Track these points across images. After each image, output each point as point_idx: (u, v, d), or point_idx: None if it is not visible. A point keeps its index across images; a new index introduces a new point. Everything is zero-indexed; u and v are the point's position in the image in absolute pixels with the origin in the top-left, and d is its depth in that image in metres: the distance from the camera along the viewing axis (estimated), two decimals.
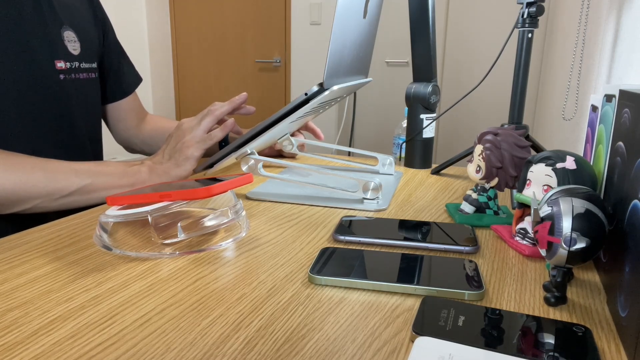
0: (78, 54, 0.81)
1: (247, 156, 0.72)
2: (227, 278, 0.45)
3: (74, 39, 0.80)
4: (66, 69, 0.78)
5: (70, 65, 0.79)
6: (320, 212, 0.66)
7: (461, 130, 2.78)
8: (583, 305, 0.42)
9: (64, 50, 0.78)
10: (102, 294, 0.42)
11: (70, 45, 0.79)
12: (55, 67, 0.76)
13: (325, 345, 0.35)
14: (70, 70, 0.79)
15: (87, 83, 0.83)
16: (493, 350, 0.33)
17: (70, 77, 0.79)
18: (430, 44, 0.89)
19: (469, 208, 0.63)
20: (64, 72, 0.77)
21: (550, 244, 0.40)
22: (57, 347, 0.34)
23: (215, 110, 0.76)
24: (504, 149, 0.58)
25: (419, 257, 0.49)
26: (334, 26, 0.63)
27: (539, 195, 0.50)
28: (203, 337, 0.36)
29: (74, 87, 0.80)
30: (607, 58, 1.15)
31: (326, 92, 0.66)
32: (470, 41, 2.66)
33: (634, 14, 0.97)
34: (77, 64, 0.80)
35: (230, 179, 0.55)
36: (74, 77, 0.80)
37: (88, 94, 0.84)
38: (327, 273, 0.45)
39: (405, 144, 0.94)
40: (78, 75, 0.81)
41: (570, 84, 1.49)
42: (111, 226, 0.58)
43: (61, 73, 0.77)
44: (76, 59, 0.80)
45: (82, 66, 0.82)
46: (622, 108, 0.43)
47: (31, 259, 0.49)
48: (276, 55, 3.19)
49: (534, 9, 0.76)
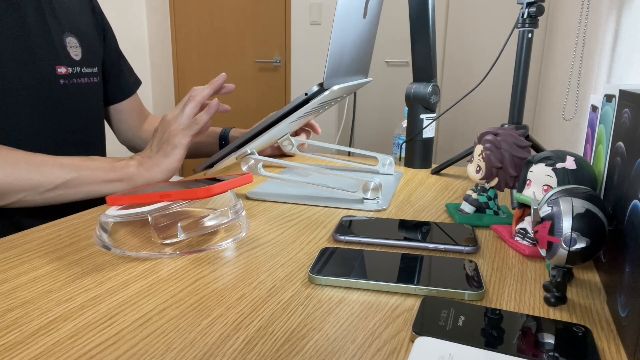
0: (80, 59, 0.81)
1: (247, 156, 0.72)
2: (227, 278, 0.45)
3: (76, 45, 0.80)
4: (67, 74, 0.78)
5: (71, 70, 0.79)
6: (320, 212, 0.66)
7: (461, 130, 2.78)
8: (583, 305, 0.42)
9: (66, 56, 0.78)
10: (102, 294, 0.42)
11: (72, 51, 0.79)
12: (56, 72, 0.76)
13: (325, 345, 0.35)
14: (71, 76, 0.79)
15: (88, 88, 0.84)
16: (493, 350, 0.33)
17: (72, 82, 0.79)
18: (430, 44, 0.89)
19: (469, 208, 0.63)
20: (65, 78, 0.78)
21: (550, 244, 0.40)
22: (57, 347, 0.34)
23: (196, 95, 0.74)
24: (504, 149, 0.58)
25: (419, 257, 0.49)
26: (334, 26, 0.63)
27: (539, 195, 0.50)
28: (203, 337, 0.36)
29: (74, 92, 0.80)
30: (607, 58, 1.15)
31: (326, 92, 0.66)
32: (470, 41, 2.67)
33: (634, 14, 0.97)
34: (78, 69, 0.80)
35: (230, 179, 0.55)
36: (75, 82, 0.80)
37: (89, 99, 0.84)
38: (327, 273, 0.45)
39: (405, 144, 0.94)
40: (80, 80, 0.81)
41: (570, 84, 1.49)
42: (111, 226, 0.58)
43: (61, 78, 0.77)
44: (78, 64, 0.80)
45: (84, 71, 0.82)
46: (622, 108, 0.43)
47: (31, 259, 0.49)
48: (276, 55, 3.19)
49: (534, 9, 0.76)
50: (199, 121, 0.73)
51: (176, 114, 0.74)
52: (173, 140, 0.72)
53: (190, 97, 0.75)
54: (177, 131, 0.72)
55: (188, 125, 0.73)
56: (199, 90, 0.75)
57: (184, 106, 0.74)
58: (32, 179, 0.64)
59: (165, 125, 0.74)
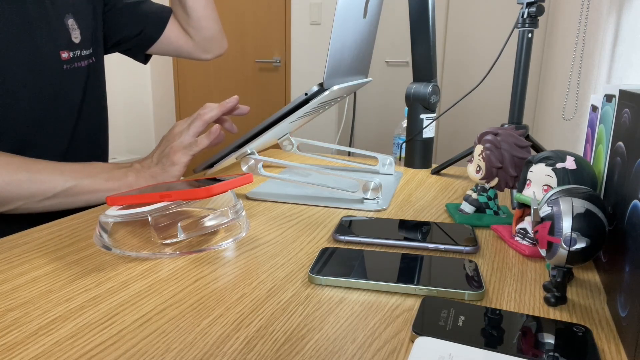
0: (79, 42, 0.80)
1: (247, 156, 0.72)
2: (227, 278, 0.45)
3: (75, 27, 0.79)
4: (69, 58, 0.77)
5: (72, 54, 0.78)
6: (320, 212, 0.66)
7: (461, 130, 2.78)
8: (583, 305, 0.42)
9: (67, 39, 0.77)
10: (102, 294, 0.42)
11: (73, 33, 0.78)
12: (60, 58, 0.75)
13: (325, 345, 0.35)
14: (72, 60, 0.78)
15: (88, 70, 0.83)
16: (493, 350, 0.33)
17: (73, 66, 0.78)
18: (430, 44, 0.89)
19: (469, 208, 0.63)
20: (67, 62, 0.77)
21: (550, 244, 0.40)
22: (57, 347, 0.34)
23: (204, 114, 0.75)
24: (504, 149, 0.58)
25: (419, 257, 0.49)
26: (334, 26, 0.63)
27: (539, 195, 0.50)
28: (203, 337, 0.36)
29: (76, 76, 0.79)
30: (607, 58, 1.15)
31: (326, 92, 0.66)
32: (470, 41, 2.67)
33: (634, 14, 0.97)
34: (78, 52, 0.79)
35: (230, 179, 0.55)
36: (76, 66, 0.79)
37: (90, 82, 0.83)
38: (327, 273, 0.45)
39: (405, 144, 0.94)
40: (80, 64, 0.80)
41: (570, 84, 1.49)
42: (111, 226, 0.58)
43: (65, 63, 0.76)
44: (77, 47, 0.79)
45: (83, 54, 0.81)
46: (622, 108, 0.43)
47: (31, 259, 0.49)
48: (276, 55, 3.19)
49: (534, 9, 0.76)
50: (199, 143, 0.73)
51: (182, 129, 0.74)
52: (173, 157, 0.72)
53: (199, 115, 0.75)
54: (179, 148, 0.73)
55: (189, 145, 0.73)
56: (208, 109, 0.76)
57: (190, 123, 0.75)
58: (31, 187, 0.64)
59: (171, 138, 0.74)
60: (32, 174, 0.64)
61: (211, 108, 0.76)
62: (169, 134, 0.75)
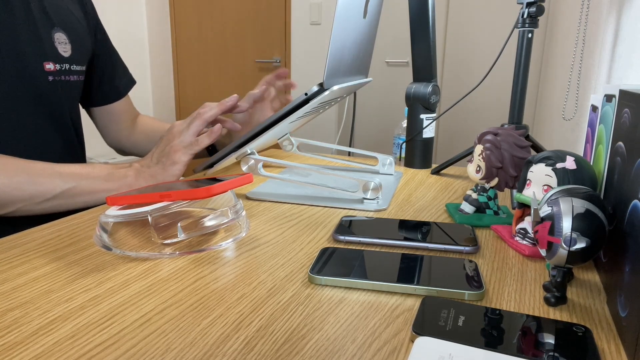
0: (69, 56, 0.80)
1: (247, 156, 0.72)
2: (227, 278, 0.45)
3: (65, 41, 0.79)
4: (55, 70, 0.77)
5: (60, 67, 0.78)
6: (320, 212, 0.66)
7: (461, 130, 2.78)
8: (583, 305, 0.42)
9: (53, 52, 0.77)
10: (102, 294, 0.42)
11: (60, 47, 0.78)
12: (44, 68, 0.75)
13: (325, 345, 0.35)
14: (60, 72, 0.78)
15: (77, 85, 0.83)
16: (493, 350, 0.33)
17: (60, 79, 0.78)
18: (430, 44, 0.89)
19: (469, 208, 0.63)
20: (53, 74, 0.77)
21: (550, 244, 0.40)
22: (57, 347, 0.34)
23: (204, 113, 0.75)
24: (504, 149, 0.58)
25: (419, 257, 0.49)
26: (334, 26, 0.63)
27: (539, 195, 0.50)
28: (203, 337, 0.36)
29: (63, 88, 0.79)
30: (607, 58, 1.15)
31: (326, 92, 0.66)
32: (470, 41, 2.67)
33: (634, 14, 0.97)
34: (67, 66, 0.79)
35: (230, 179, 0.55)
36: (63, 79, 0.79)
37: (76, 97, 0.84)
38: (327, 273, 0.45)
39: (405, 144, 0.94)
40: (68, 77, 0.80)
41: (570, 84, 1.49)
42: (111, 226, 0.58)
43: (50, 75, 0.76)
44: (67, 61, 0.79)
45: (73, 68, 0.81)
46: (622, 108, 0.43)
47: (31, 259, 0.49)
48: (276, 55, 3.19)
49: (534, 9, 0.76)
50: (200, 143, 0.73)
51: (182, 129, 0.74)
52: (174, 156, 0.72)
53: (199, 114, 0.75)
54: (179, 147, 0.73)
55: (189, 144, 0.73)
56: (208, 108, 0.75)
57: (190, 122, 0.74)
58: (31, 189, 0.64)
59: (170, 137, 0.74)
60: (31, 176, 0.64)
61: (211, 107, 0.75)
62: (169, 133, 0.75)
